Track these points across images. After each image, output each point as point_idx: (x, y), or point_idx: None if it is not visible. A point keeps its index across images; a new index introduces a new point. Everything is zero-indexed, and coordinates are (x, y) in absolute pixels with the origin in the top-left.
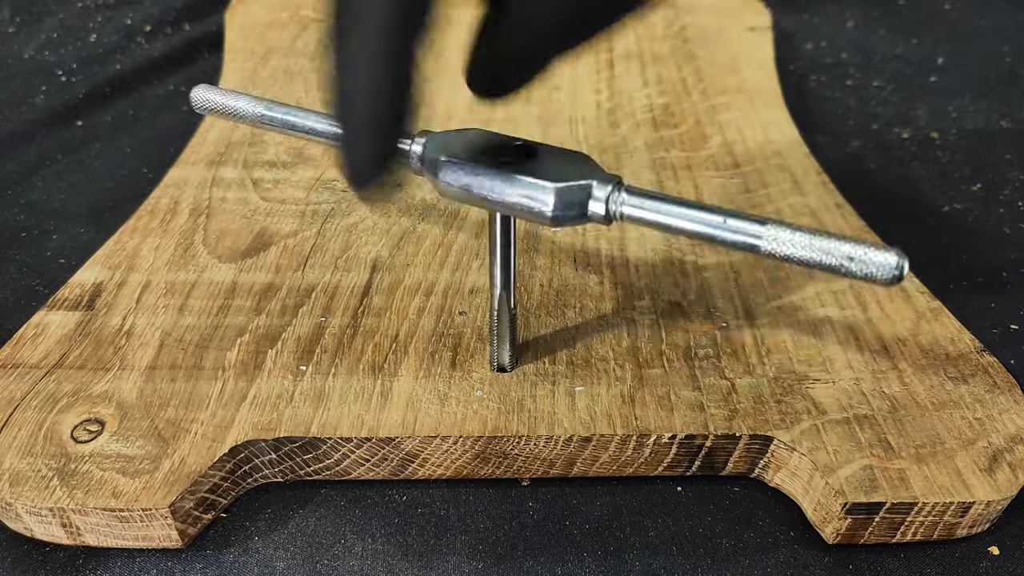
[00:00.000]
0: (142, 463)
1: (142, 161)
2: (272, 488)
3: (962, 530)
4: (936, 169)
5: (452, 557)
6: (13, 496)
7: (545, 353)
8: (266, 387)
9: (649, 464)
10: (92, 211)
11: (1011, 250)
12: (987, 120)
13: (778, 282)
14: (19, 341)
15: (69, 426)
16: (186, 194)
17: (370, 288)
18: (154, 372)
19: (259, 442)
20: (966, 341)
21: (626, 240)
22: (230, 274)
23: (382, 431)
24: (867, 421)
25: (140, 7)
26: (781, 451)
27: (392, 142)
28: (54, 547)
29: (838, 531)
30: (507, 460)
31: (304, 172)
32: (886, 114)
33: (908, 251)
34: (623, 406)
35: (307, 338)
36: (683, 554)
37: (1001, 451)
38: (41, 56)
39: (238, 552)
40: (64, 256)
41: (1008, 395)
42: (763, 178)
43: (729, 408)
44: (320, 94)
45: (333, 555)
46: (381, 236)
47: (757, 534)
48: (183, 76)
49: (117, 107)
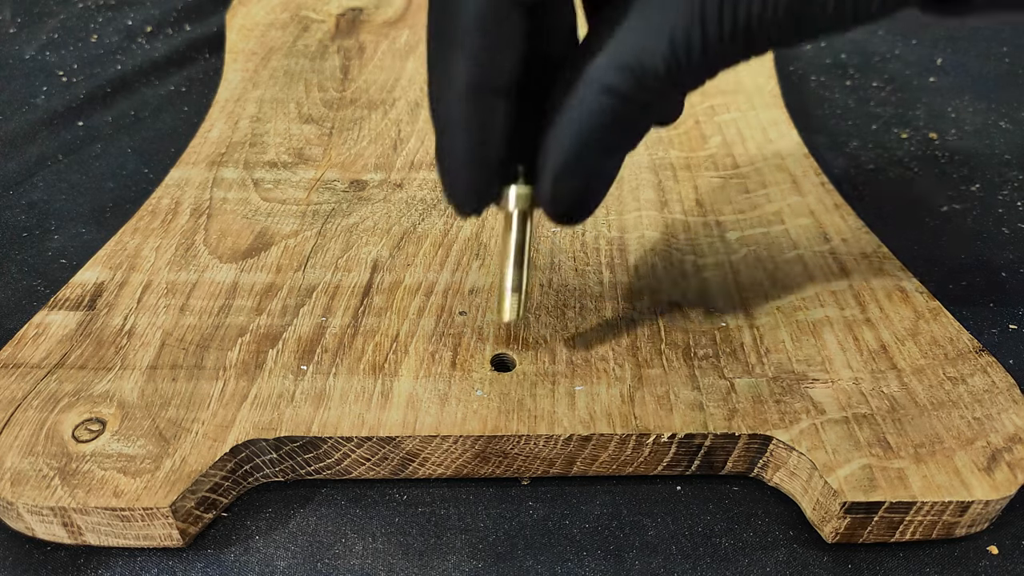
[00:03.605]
0: (143, 462)
1: (143, 161)
2: (273, 487)
3: (961, 529)
4: (935, 169)
5: (452, 556)
6: (14, 496)
7: (545, 353)
8: (267, 387)
9: (649, 463)
10: (93, 211)
11: (1010, 250)
12: (986, 120)
13: (778, 282)
14: (20, 341)
15: (70, 426)
16: (187, 194)
17: (370, 288)
18: (155, 372)
19: (260, 441)
20: (965, 341)
21: (626, 240)
22: (231, 274)
23: (383, 431)
24: (866, 421)
25: (141, 8)
26: (780, 450)
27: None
28: (55, 546)
29: (837, 530)
30: (507, 459)
31: (305, 172)
32: (885, 114)
33: (908, 251)
34: (623, 405)
35: (308, 338)
36: (682, 553)
37: (1000, 451)
38: (42, 56)
39: (239, 551)
40: (65, 256)
41: (1007, 395)
42: (763, 178)
43: (728, 408)
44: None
45: (334, 554)
46: (381, 236)
47: (756, 533)
48: (184, 76)
49: (118, 107)
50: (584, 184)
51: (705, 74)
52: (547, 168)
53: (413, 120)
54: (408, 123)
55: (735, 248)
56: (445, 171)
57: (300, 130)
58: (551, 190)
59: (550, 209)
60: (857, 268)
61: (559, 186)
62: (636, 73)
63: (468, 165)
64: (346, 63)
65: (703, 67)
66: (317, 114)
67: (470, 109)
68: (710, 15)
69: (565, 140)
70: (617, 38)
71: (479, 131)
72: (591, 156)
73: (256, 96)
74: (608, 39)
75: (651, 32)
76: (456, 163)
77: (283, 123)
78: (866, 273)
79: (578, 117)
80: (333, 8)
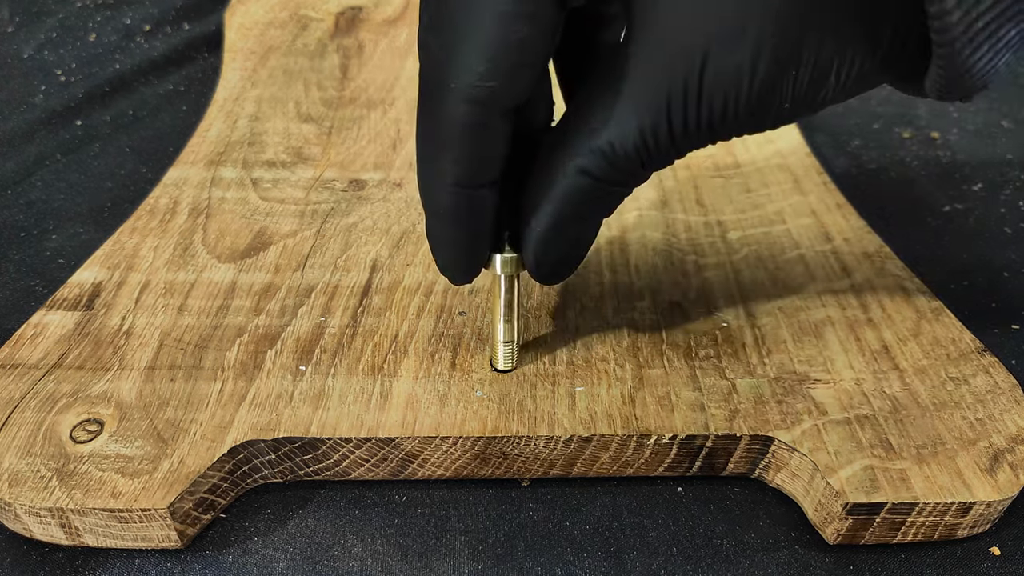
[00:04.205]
0: (141, 463)
1: (141, 161)
2: (271, 488)
3: (963, 531)
4: (937, 169)
5: (452, 557)
6: (12, 496)
7: (545, 353)
8: (265, 387)
9: (649, 464)
10: (91, 211)
11: (1012, 250)
12: (987, 120)
13: (779, 282)
14: (18, 341)
15: (68, 426)
16: (185, 194)
17: (370, 288)
18: (153, 372)
19: (258, 442)
20: (967, 341)
21: (626, 240)
22: (229, 274)
23: (382, 431)
24: (868, 421)
25: (139, 7)
26: (782, 451)
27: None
28: (53, 548)
29: (839, 532)
30: (507, 460)
31: (303, 172)
32: (887, 114)
33: (909, 251)
34: (623, 406)
35: (306, 338)
36: (683, 555)
37: (1002, 451)
38: (40, 56)
39: (237, 553)
40: (63, 256)
41: (1009, 395)
42: (764, 178)
43: (730, 408)
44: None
45: (333, 555)
46: (381, 236)
47: (758, 535)
48: (183, 76)
49: (116, 107)
50: (565, 252)
51: (674, 157)
52: (530, 242)
53: (413, 119)
54: (407, 122)
55: (736, 248)
56: (436, 252)
57: (299, 129)
58: (535, 260)
59: (535, 274)
60: (859, 268)
61: (542, 257)
62: (608, 158)
63: (458, 249)
64: (345, 62)
65: (671, 152)
66: (316, 113)
67: (458, 202)
68: (675, 112)
69: (545, 218)
70: (591, 125)
71: (467, 223)
72: (569, 228)
73: (255, 95)
74: (583, 125)
75: (621, 122)
76: (446, 248)
77: (282, 122)
78: (868, 273)
79: (556, 196)
80: (332, 7)
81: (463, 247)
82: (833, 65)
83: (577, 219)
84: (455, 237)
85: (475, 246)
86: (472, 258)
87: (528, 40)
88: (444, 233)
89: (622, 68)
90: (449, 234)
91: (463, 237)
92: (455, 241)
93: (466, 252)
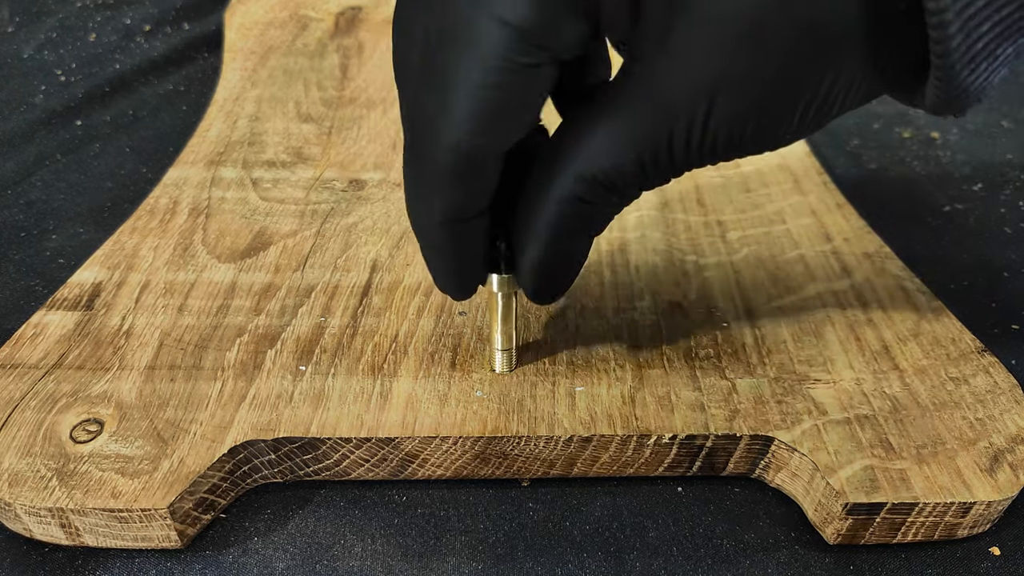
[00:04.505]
0: (141, 463)
1: (141, 161)
2: (271, 488)
3: (963, 531)
4: (937, 169)
5: (452, 558)
6: (12, 496)
7: (545, 353)
8: (265, 387)
9: (649, 464)
10: (91, 211)
11: (1012, 250)
12: (987, 120)
13: (779, 282)
14: (18, 341)
15: (68, 426)
16: (185, 194)
17: (370, 288)
18: (153, 372)
19: (258, 442)
20: (967, 341)
21: (626, 240)
22: (229, 274)
23: (382, 431)
24: (868, 421)
25: (139, 7)
26: (782, 451)
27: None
28: (53, 548)
29: (839, 532)
30: (507, 460)
31: (303, 172)
32: (887, 114)
33: (909, 250)
34: (623, 406)
35: (306, 338)
36: (683, 555)
37: (1002, 451)
38: (40, 56)
39: (237, 553)
40: (63, 256)
41: (1009, 395)
42: (764, 178)
43: (730, 408)
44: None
45: (332, 555)
46: (381, 236)
47: (758, 535)
48: (182, 76)
49: (116, 107)
50: (558, 272)
51: (671, 178)
52: (525, 264)
53: None
54: None
55: (736, 248)
56: (433, 275)
57: (299, 129)
58: (530, 282)
59: (530, 294)
60: (859, 268)
61: (538, 282)
62: (604, 184)
63: (453, 274)
64: (345, 62)
65: (669, 174)
66: (316, 113)
67: (449, 236)
68: (677, 147)
69: (539, 242)
70: (588, 149)
71: (458, 254)
72: (563, 248)
73: (255, 95)
74: (579, 149)
75: (619, 148)
76: (442, 274)
77: (282, 122)
78: (868, 273)
79: (549, 222)
80: (332, 7)
81: (458, 272)
82: (840, 95)
83: (570, 239)
84: (448, 269)
85: (470, 269)
86: (468, 280)
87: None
88: (438, 264)
89: (625, 98)
90: (442, 266)
91: (456, 264)
92: (448, 269)
93: (461, 275)
